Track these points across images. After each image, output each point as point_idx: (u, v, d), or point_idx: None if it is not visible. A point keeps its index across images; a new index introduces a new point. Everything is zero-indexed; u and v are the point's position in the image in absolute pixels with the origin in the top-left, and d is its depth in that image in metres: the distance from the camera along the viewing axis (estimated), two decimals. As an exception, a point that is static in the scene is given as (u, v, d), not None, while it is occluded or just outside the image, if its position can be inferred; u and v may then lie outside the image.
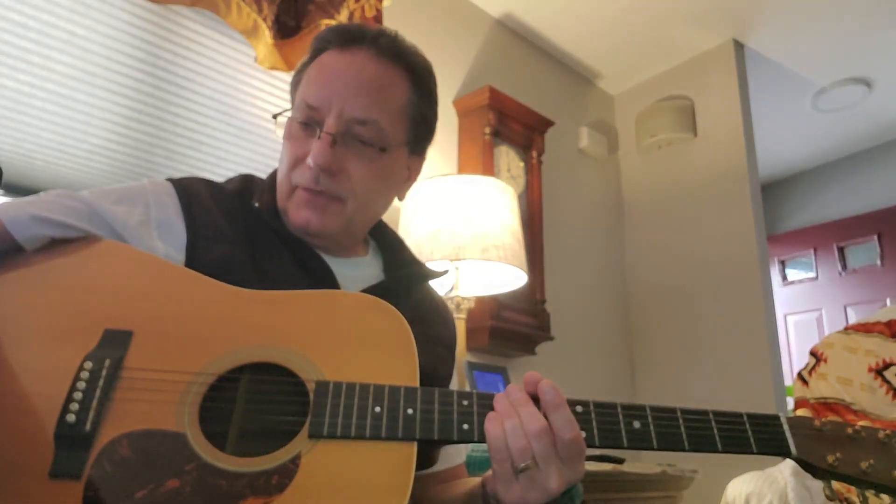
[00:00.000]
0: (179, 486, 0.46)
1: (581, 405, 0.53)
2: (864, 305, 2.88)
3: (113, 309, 0.55)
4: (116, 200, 0.62)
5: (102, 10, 1.25)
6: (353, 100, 0.64)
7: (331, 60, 0.67)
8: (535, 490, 0.49)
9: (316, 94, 0.65)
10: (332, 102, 0.64)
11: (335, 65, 0.66)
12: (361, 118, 0.64)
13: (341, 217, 0.66)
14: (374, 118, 0.65)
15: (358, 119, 0.64)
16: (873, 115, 2.75)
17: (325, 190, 0.64)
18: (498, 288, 1.56)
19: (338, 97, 0.64)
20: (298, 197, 0.65)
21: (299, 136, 0.66)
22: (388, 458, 0.50)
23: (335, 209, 0.66)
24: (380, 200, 0.71)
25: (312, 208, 0.65)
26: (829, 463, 0.53)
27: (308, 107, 0.65)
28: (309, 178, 0.64)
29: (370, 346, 0.56)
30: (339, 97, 0.64)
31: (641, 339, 2.32)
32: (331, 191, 0.64)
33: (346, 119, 0.64)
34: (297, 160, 0.65)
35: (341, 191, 0.65)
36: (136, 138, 1.29)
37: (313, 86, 0.66)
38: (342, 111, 0.64)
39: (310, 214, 0.65)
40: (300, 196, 0.65)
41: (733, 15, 2.14)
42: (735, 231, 2.14)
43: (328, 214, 0.65)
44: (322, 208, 0.65)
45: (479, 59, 2.04)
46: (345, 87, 0.64)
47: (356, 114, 0.64)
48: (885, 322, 1.32)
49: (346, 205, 0.66)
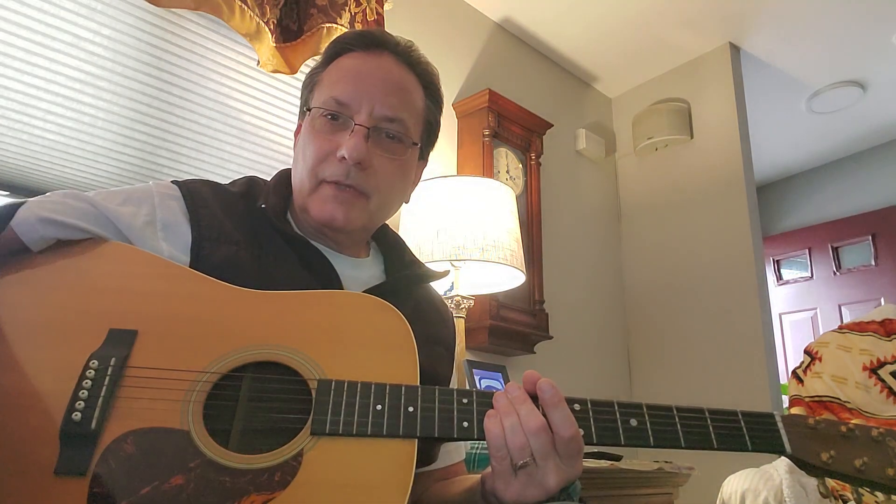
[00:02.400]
0: (183, 483, 0.47)
1: (579, 403, 0.54)
2: (859, 305, 2.90)
3: (118, 308, 0.55)
4: (122, 202, 0.63)
5: (107, 13, 1.26)
6: (383, 98, 0.66)
7: (357, 61, 0.68)
8: (534, 487, 0.50)
9: (346, 91, 0.66)
10: (364, 99, 0.66)
11: (364, 65, 0.68)
12: (391, 115, 0.67)
13: (365, 213, 0.67)
14: (401, 117, 0.67)
15: (388, 116, 0.66)
16: (867, 117, 2.77)
17: (353, 184, 0.65)
18: (497, 288, 1.56)
19: (368, 94, 0.66)
20: (324, 191, 0.66)
21: (326, 130, 0.67)
22: (389, 455, 0.50)
23: (360, 204, 0.67)
24: (397, 199, 0.73)
25: (339, 202, 0.65)
26: (823, 461, 0.53)
27: (337, 103, 0.66)
28: (340, 171, 0.65)
29: (371, 345, 0.56)
30: (369, 94, 0.66)
31: (638, 339, 2.33)
32: (359, 185, 0.66)
33: (376, 116, 0.66)
34: (326, 154, 0.66)
35: (368, 186, 0.66)
36: (141, 140, 1.30)
37: (343, 83, 0.67)
38: (373, 108, 0.66)
39: (335, 208, 0.65)
40: (326, 190, 0.66)
41: (729, 19, 2.15)
42: (731, 231, 2.15)
43: (353, 209, 0.66)
44: (349, 203, 0.66)
45: (478, 63, 2.05)
46: (375, 85, 0.67)
47: (386, 111, 0.66)
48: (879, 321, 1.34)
49: (371, 200, 0.67)
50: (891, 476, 0.52)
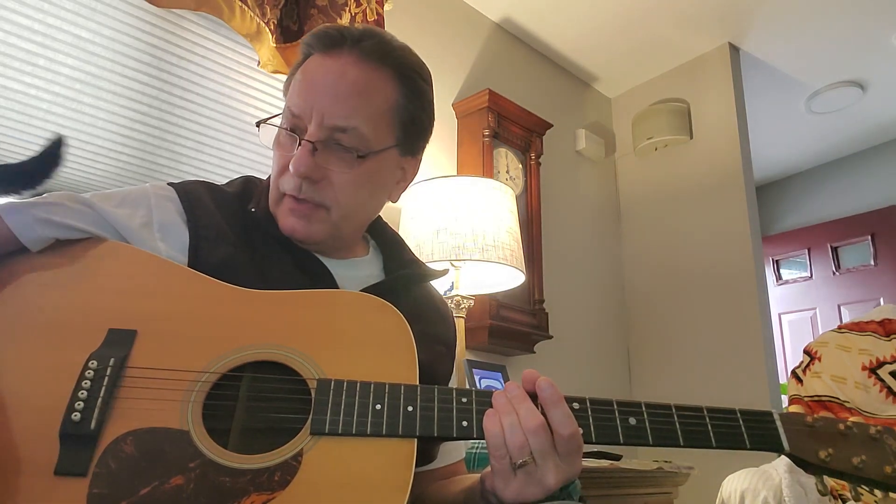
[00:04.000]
0: (183, 483, 0.47)
1: (578, 402, 0.54)
2: (858, 305, 2.90)
3: (117, 308, 0.55)
4: (119, 203, 0.63)
5: (107, 13, 1.26)
6: (332, 107, 0.64)
7: (314, 67, 0.67)
8: (533, 485, 0.50)
9: (298, 103, 0.65)
10: (313, 110, 0.64)
11: (317, 71, 0.66)
12: (342, 126, 0.64)
13: (326, 224, 0.66)
14: (353, 125, 0.64)
15: (338, 126, 0.64)
16: (867, 117, 2.77)
17: (308, 198, 0.65)
18: (497, 287, 1.56)
19: (318, 105, 0.64)
20: (285, 204, 0.66)
21: (286, 143, 0.66)
22: (389, 454, 0.50)
23: (320, 216, 0.66)
24: (367, 205, 0.71)
25: (298, 216, 0.65)
26: (821, 459, 0.53)
27: (292, 115, 0.66)
28: (293, 185, 0.64)
29: (370, 344, 0.56)
30: (318, 105, 0.64)
31: (638, 338, 2.34)
32: (313, 199, 0.65)
33: (326, 126, 0.64)
34: (284, 168, 0.66)
35: (324, 198, 0.65)
36: (141, 140, 1.30)
37: (296, 94, 0.66)
38: (322, 119, 0.64)
39: (295, 222, 0.65)
40: (287, 203, 0.66)
41: (728, 19, 2.15)
42: (730, 231, 2.15)
43: (313, 222, 0.66)
44: (307, 216, 0.65)
45: (478, 63, 2.05)
46: (324, 94, 0.64)
47: (336, 121, 0.64)
48: (879, 321, 1.34)
49: (331, 212, 0.66)
50: (889, 474, 0.52)
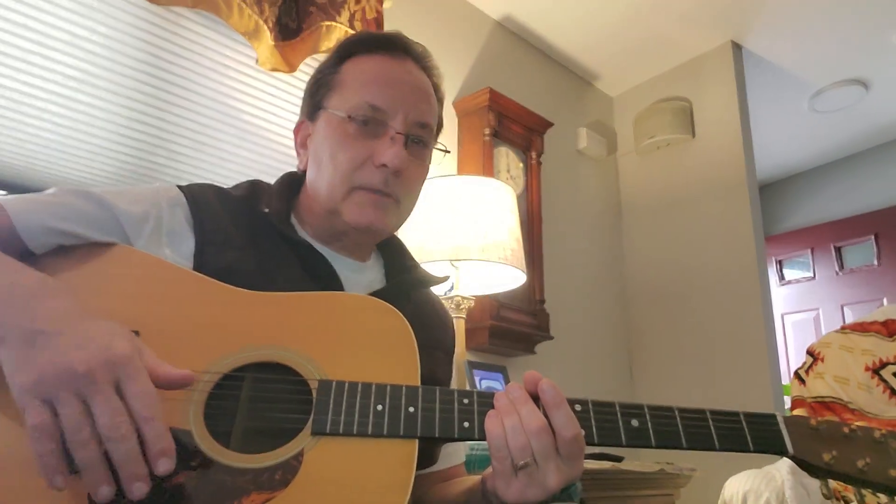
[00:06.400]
0: (184, 482, 0.47)
1: (580, 404, 0.54)
2: (861, 305, 2.90)
3: (120, 309, 0.55)
4: (130, 203, 0.62)
5: (104, 11, 1.26)
6: (416, 104, 0.68)
7: (384, 66, 0.68)
8: (535, 487, 0.50)
9: (381, 96, 0.66)
10: (399, 105, 0.67)
11: (392, 70, 0.68)
12: (423, 121, 0.68)
13: (398, 217, 0.69)
14: (430, 123, 0.70)
15: (420, 122, 0.68)
16: (870, 116, 2.76)
17: (391, 192, 0.66)
18: (497, 288, 1.56)
19: (403, 100, 0.67)
20: (361, 197, 0.66)
21: (359, 136, 0.66)
22: (390, 455, 0.50)
23: (394, 209, 0.68)
24: (416, 202, 0.74)
25: (379, 208, 0.66)
26: (825, 462, 0.53)
27: (372, 108, 0.66)
28: (378, 178, 0.65)
29: (372, 346, 0.56)
30: (404, 100, 0.67)
31: (640, 339, 2.33)
32: (395, 192, 0.67)
33: (411, 122, 0.67)
34: (362, 161, 0.66)
35: (400, 191, 0.67)
36: (138, 139, 1.29)
37: (376, 87, 0.67)
38: (408, 114, 0.67)
39: (375, 214, 0.66)
40: (363, 196, 0.66)
41: (731, 17, 2.15)
42: (733, 231, 2.15)
43: (389, 215, 0.68)
44: (386, 208, 0.67)
45: (479, 61, 2.05)
46: (408, 91, 0.68)
47: (419, 117, 0.68)
48: (882, 322, 1.33)
49: (401, 205, 0.69)
50: (893, 477, 0.52)
